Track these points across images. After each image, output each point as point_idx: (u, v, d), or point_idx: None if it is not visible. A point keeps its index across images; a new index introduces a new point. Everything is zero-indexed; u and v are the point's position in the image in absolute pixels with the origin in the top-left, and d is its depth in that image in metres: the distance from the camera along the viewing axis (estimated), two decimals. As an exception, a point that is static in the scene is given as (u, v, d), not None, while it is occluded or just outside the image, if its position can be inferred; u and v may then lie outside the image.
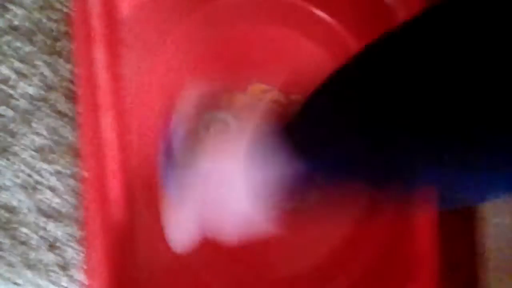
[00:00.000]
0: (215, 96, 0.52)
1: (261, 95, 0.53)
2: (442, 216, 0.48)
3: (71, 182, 0.54)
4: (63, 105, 0.55)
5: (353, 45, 0.53)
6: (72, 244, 0.54)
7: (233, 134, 0.41)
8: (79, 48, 0.49)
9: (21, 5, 0.55)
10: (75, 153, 0.54)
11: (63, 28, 0.55)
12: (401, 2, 0.52)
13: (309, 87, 0.53)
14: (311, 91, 0.38)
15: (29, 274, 0.54)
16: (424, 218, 0.48)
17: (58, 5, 0.55)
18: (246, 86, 0.53)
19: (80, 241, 0.54)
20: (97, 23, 0.49)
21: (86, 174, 0.48)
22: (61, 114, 0.55)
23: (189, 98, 0.43)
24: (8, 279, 0.54)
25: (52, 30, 0.55)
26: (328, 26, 0.53)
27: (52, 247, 0.54)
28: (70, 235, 0.54)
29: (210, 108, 0.45)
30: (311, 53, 0.53)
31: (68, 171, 0.54)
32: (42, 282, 0.54)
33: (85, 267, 0.53)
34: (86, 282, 0.53)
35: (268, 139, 0.35)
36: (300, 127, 0.34)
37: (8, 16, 0.55)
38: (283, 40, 0.54)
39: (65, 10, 0.55)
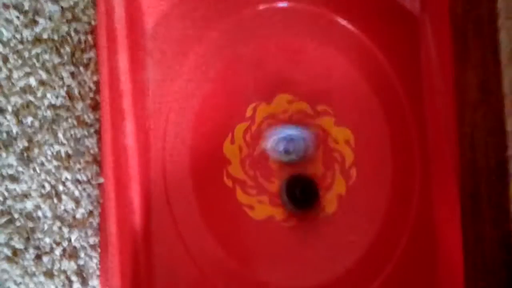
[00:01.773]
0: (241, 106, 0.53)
1: (286, 106, 0.53)
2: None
3: (95, 192, 0.54)
4: (88, 116, 0.55)
5: (380, 56, 0.53)
6: (95, 254, 0.54)
7: None
8: (102, 55, 0.49)
9: (49, 18, 0.56)
10: (100, 164, 0.54)
11: (90, 40, 0.55)
12: (427, 12, 0.52)
13: (335, 97, 0.53)
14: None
15: (51, 284, 0.53)
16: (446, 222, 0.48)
17: (85, 18, 0.56)
18: (272, 97, 0.53)
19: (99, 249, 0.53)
20: (120, 32, 0.50)
21: (104, 180, 0.48)
22: (86, 124, 0.55)
23: None
24: (30, 291, 0.53)
25: (80, 43, 0.56)
26: (355, 37, 0.53)
27: (75, 257, 0.54)
28: (93, 245, 0.54)
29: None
30: (338, 64, 0.53)
31: (92, 182, 0.54)
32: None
33: (100, 274, 0.53)
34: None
35: None
36: None
37: (36, 29, 0.56)
38: (310, 51, 0.53)
39: (92, 23, 0.56)
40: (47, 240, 0.54)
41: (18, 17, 0.56)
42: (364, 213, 0.51)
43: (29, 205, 0.54)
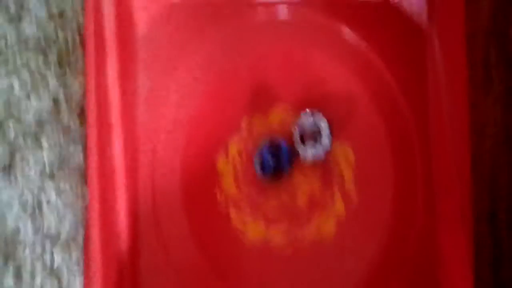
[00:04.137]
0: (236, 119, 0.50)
1: (284, 119, 0.50)
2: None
3: (78, 205, 0.51)
4: (73, 122, 0.52)
5: (384, 71, 0.50)
6: (75, 271, 0.51)
7: None
8: (89, 61, 0.46)
9: (35, 16, 0.52)
10: (84, 174, 0.51)
11: (78, 41, 0.52)
12: (436, 26, 0.49)
13: (336, 113, 0.50)
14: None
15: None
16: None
17: (74, 25, 0.53)
18: (269, 109, 0.50)
19: (83, 269, 0.50)
20: (110, 37, 0.46)
21: (90, 195, 0.45)
22: (73, 139, 0.52)
23: None
24: (8, 307, 0.51)
25: (67, 43, 0.52)
26: (358, 49, 0.50)
27: (54, 274, 0.51)
28: (74, 262, 0.51)
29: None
30: (339, 78, 0.50)
31: (76, 194, 0.51)
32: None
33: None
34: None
35: None
36: None
37: (21, 27, 0.52)
38: (310, 62, 0.50)
39: (81, 22, 0.52)
40: (28, 257, 0.51)
41: (3, 23, 0.52)
42: (364, 237, 0.49)
43: (11, 224, 0.51)
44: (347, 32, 0.50)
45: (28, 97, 0.52)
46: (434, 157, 0.49)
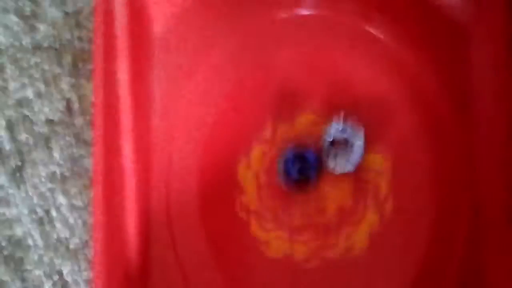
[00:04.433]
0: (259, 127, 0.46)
1: (310, 128, 0.46)
2: None
3: (88, 212, 0.48)
4: (87, 133, 0.49)
5: (423, 73, 0.46)
6: (83, 281, 0.48)
7: None
8: (99, 63, 0.43)
9: (50, 24, 0.51)
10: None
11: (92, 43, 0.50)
12: (480, 21, 0.45)
13: (369, 119, 0.45)
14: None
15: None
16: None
17: (89, 25, 0.50)
18: (294, 117, 0.46)
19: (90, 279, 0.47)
20: (122, 38, 0.44)
21: (97, 207, 0.42)
22: (84, 143, 0.49)
23: None
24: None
25: (82, 52, 0.50)
26: (391, 47, 0.46)
27: (61, 283, 0.48)
28: (82, 271, 0.48)
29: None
30: (371, 78, 0.46)
31: (86, 200, 0.48)
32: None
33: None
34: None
35: None
36: None
37: (36, 36, 0.51)
38: (340, 66, 0.47)
39: (96, 24, 0.50)
40: (37, 272, 0.48)
41: (17, 23, 0.51)
42: (400, 253, 0.44)
43: (18, 231, 0.48)
44: (379, 30, 0.46)
45: (40, 99, 0.50)
46: (479, 164, 0.44)
